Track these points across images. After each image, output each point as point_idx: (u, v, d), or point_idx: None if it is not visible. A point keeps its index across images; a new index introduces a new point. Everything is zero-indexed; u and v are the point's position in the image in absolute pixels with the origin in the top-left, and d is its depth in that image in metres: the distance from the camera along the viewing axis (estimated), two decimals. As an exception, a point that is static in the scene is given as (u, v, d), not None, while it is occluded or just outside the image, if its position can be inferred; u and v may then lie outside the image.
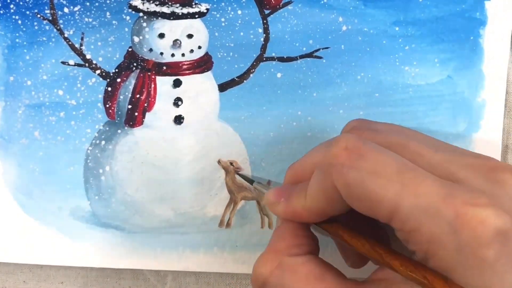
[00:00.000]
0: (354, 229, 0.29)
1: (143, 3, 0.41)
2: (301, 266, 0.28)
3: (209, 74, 0.42)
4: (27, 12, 0.41)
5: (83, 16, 0.41)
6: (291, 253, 0.29)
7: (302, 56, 0.41)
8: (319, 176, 0.28)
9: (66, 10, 0.41)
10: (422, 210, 0.24)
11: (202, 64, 0.42)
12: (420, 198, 0.24)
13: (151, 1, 0.41)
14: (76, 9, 0.41)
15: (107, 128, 0.42)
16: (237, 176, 0.42)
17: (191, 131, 0.42)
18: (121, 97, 0.42)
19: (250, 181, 0.39)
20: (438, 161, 0.27)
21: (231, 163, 0.42)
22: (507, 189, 0.26)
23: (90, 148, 0.42)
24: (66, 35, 0.41)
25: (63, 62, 0.41)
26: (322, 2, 0.41)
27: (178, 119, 0.42)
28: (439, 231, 0.24)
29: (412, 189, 0.25)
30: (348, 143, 0.27)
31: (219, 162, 0.42)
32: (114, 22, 0.41)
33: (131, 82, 0.42)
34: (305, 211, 0.29)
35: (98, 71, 0.41)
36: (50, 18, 0.41)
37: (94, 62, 0.41)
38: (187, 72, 0.42)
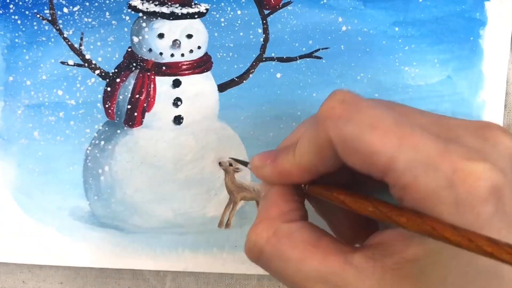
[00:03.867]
0: (351, 190, 0.28)
1: (142, 3, 0.41)
2: (297, 233, 0.28)
3: (208, 74, 0.42)
4: (27, 12, 0.41)
5: (83, 16, 0.41)
6: (285, 220, 0.29)
7: (301, 57, 0.41)
8: (311, 130, 0.28)
9: (65, 10, 0.41)
10: (419, 163, 0.24)
11: (202, 64, 0.42)
12: (417, 152, 0.24)
13: (151, 1, 0.41)
14: (75, 9, 0.41)
15: (107, 128, 0.42)
16: (236, 177, 0.42)
17: (191, 131, 0.42)
18: (121, 97, 0.42)
19: (245, 163, 0.38)
20: (428, 121, 0.27)
21: (231, 164, 0.42)
22: (497, 146, 0.26)
23: (89, 148, 0.42)
24: (65, 35, 0.41)
25: (62, 62, 0.41)
26: (322, 2, 0.41)
27: (178, 119, 0.42)
28: (436, 185, 0.24)
29: (410, 142, 0.24)
30: (345, 96, 0.27)
31: (220, 164, 0.42)
32: (113, 22, 0.41)
33: (130, 82, 0.42)
34: (294, 167, 0.29)
35: (97, 71, 0.41)
36: (50, 18, 0.41)
37: (93, 62, 0.41)
38: (187, 72, 0.42)
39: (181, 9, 0.41)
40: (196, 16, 0.41)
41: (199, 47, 0.41)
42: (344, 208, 0.28)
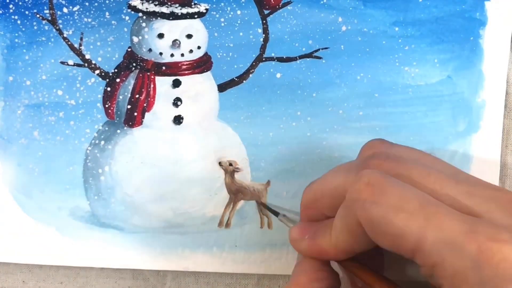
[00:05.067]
0: (371, 268, 0.29)
1: (142, 3, 0.41)
2: None
3: (208, 74, 0.42)
4: (26, 12, 0.41)
5: (82, 16, 0.41)
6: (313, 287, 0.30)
7: (301, 56, 0.41)
8: (343, 213, 0.28)
9: (65, 10, 0.41)
10: (445, 244, 0.25)
11: (202, 64, 0.42)
12: (443, 233, 0.25)
13: (150, 1, 0.41)
14: (75, 9, 0.41)
15: (107, 128, 0.42)
16: (236, 177, 0.42)
17: (191, 131, 0.42)
18: (121, 97, 0.42)
19: (276, 213, 0.37)
20: (459, 193, 0.27)
21: (230, 164, 0.42)
22: None
23: (89, 148, 0.42)
24: (65, 35, 0.41)
25: (62, 62, 0.41)
26: (322, 2, 0.41)
27: (178, 119, 0.42)
28: (462, 266, 0.24)
29: (436, 223, 0.25)
30: (370, 178, 0.27)
31: (220, 164, 0.42)
32: (113, 22, 0.41)
33: (130, 82, 0.42)
34: (332, 248, 0.29)
35: (97, 71, 0.41)
36: (49, 18, 0.41)
37: (93, 62, 0.41)
38: (187, 72, 0.42)
39: (181, 9, 0.41)
40: (196, 16, 0.41)
41: (199, 47, 0.41)
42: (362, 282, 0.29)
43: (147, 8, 0.41)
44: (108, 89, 0.42)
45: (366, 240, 0.27)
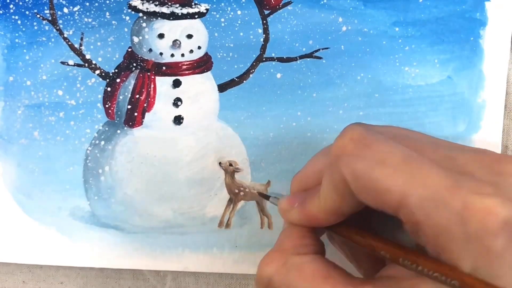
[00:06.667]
0: (364, 230, 0.29)
1: (142, 3, 0.41)
2: (307, 265, 0.28)
3: (208, 74, 0.42)
4: (27, 12, 0.41)
5: (83, 16, 0.41)
6: (296, 252, 0.29)
7: (301, 57, 0.41)
8: (328, 171, 0.28)
9: (65, 10, 0.41)
10: (430, 201, 0.24)
11: (202, 65, 0.42)
12: (427, 189, 0.24)
13: (151, 1, 0.41)
14: (75, 9, 0.41)
15: (107, 128, 0.42)
16: (236, 177, 0.42)
17: (191, 132, 0.42)
18: (121, 97, 0.42)
19: (266, 197, 0.38)
20: (439, 157, 0.27)
21: (231, 164, 0.42)
22: (511, 180, 0.26)
23: (89, 148, 0.42)
24: (65, 35, 0.41)
25: (62, 62, 0.41)
26: (322, 2, 0.41)
27: (178, 119, 0.42)
28: (447, 222, 0.24)
29: (420, 179, 0.25)
30: (353, 133, 0.27)
31: (220, 164, 0.42)
32: (113, 22, 0.41)
33: (130, 82, 0.42)
34: (321, 212, 0.29)
35: (97, 71, 0.41)
36: (50, 18, 0.41)
37: (93, 62, 0.41)
38: (187, 72, 0.42)
39: (181, 9, 0.41)
40: (196, 16, 0.41)
41: (199, 47, 0.41)
42: (369, 250, 0.28)
43: (147, 8, 0.41)
44: (108, 89, 0.42)
45: (353, 199, 0.27)
